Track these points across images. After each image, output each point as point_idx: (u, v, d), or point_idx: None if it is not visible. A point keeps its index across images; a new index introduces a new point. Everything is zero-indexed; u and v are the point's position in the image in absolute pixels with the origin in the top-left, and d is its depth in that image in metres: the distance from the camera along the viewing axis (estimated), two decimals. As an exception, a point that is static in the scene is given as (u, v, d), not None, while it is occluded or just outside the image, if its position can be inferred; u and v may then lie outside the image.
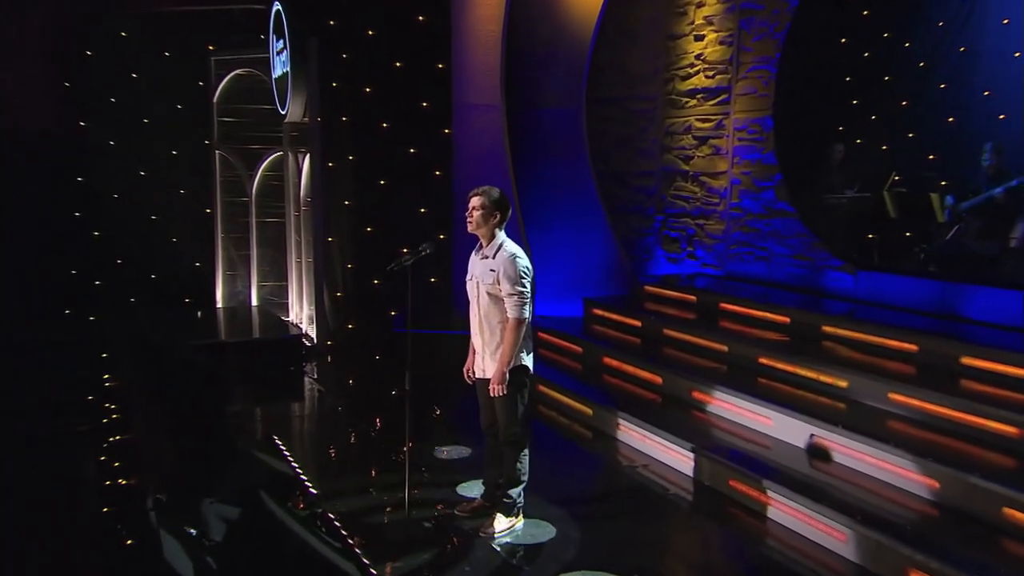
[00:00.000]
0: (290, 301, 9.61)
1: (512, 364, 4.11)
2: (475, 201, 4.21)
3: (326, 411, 6.78)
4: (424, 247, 4.37)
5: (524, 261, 4.16)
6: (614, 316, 8.00)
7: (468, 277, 4.28)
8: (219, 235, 9.88)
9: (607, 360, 7.22)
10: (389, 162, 8.41)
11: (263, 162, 10.03)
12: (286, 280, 9.67)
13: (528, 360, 4.33)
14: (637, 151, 9.51)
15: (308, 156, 8.69)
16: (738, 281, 8.34)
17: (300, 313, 9.23)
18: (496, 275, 4.12)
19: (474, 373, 4.34)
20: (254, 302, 10.06)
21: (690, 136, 8.98)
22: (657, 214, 9.44)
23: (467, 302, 4.54)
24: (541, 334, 7.73)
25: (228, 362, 7.63)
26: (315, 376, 7.63)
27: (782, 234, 8.02)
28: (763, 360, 6.23)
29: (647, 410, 5.96)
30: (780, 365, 6.05)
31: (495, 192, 4.21)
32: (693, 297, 7.90)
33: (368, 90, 8.27)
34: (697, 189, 8.96)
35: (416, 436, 5.97)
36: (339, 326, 8.39)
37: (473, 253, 4.33)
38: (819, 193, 8.20)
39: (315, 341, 8.35)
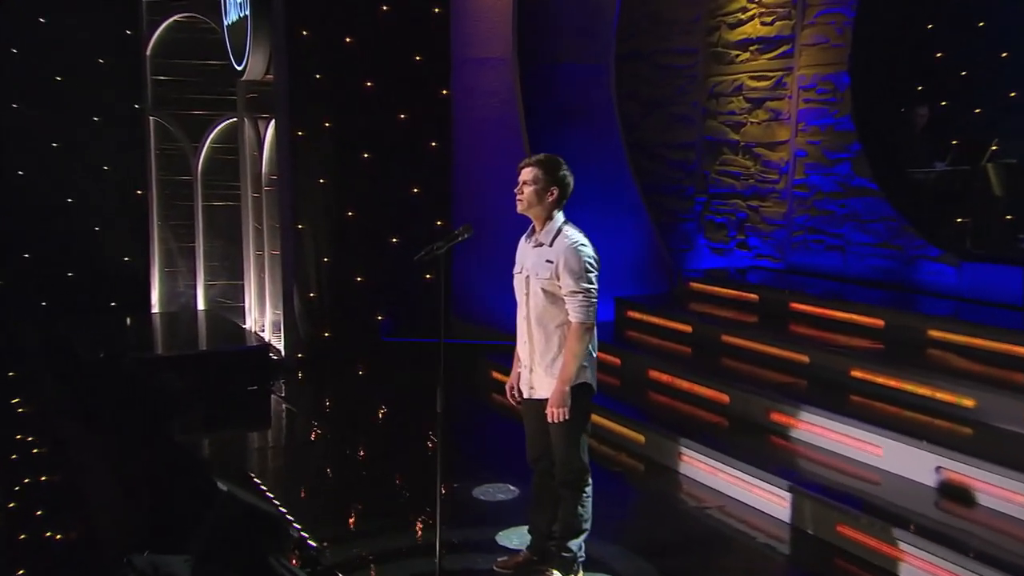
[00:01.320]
0: (247, 304, 9.48)
1: (574, 380, 3.91)
2: (527, 174, 4.02)
3: (307, 441, 6.69)
4: (461, 231, 4.16)
5: (590, 250, 3.99)
6: (655, 319, 7.78)
7: (516, 269, 4.11)
8: (155, 223, 9.80)
9: (653, 374, 6.98)
10: (374, 130, 8.34)
11: (211, 131, 9.76)
12: (242, 278, 9.62)
13: (592, 377, 4.07)
14: (673, 118, 9.33)
15: (272, 123, 8.61)
16: (804, 275, 8.14)
17: (261, 319, 9.17)
18: (554, 268, 3.93)
19: (519, 392, 4.15)
20: (200, 305, 9.78)
21: (741, 98, 8.78)
22: (698, 194, 9.26)
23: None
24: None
25: (167, 380, 7.54)
26: (284, 396, 7.55)
27: (862, 217, 7.80)
28: (857, 373, 6.02)
29: (716, 437, 5.80)
30: (880, 379, 5.86)
31: (553, 162, 4.01)
32: (754, 296, 7.68)
33: (348, 40, 8.18)
34: (750, 163, 8.75)
35: (441, 470, 5.77)
36: (313, 335, 8.33)
37: (523, 239, 4.15)
38: (902, 166, 7.98)
39: (282, 354, 8.28)
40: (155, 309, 9.48)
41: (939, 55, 8.25)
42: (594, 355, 4.14)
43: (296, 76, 8.01)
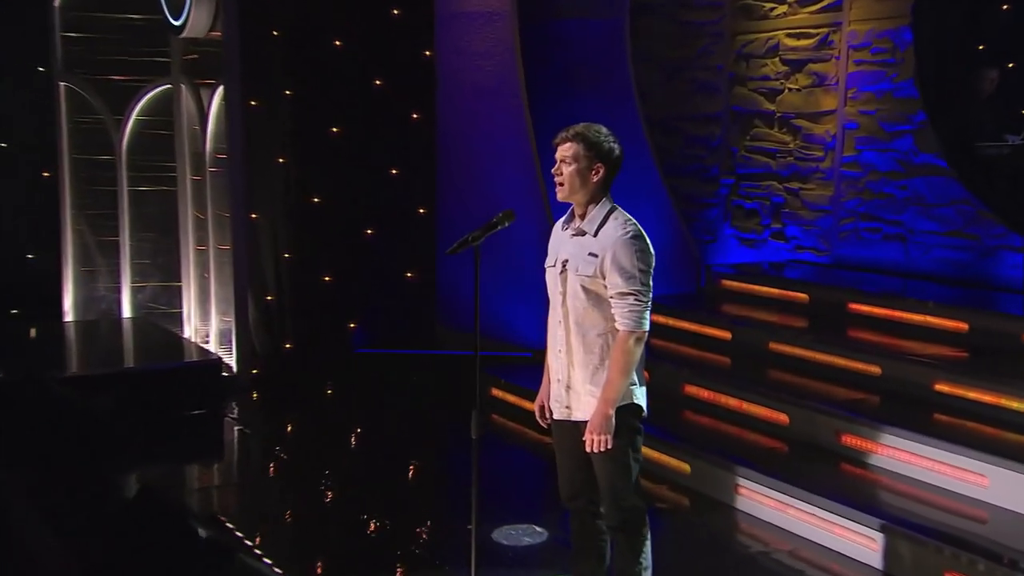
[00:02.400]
0: (186, 310, 9.36)
1: (621, 400, 3.83)
2: (565, 150, 3.90)
3: (274, 476, 6.60)
4: (500, 218, 4.09)
5: (645, 242, 3.87)
6: (685, 324, 7.64)
7: (549, 262, 4.02)
8: (67, 211, 9.41)
9: (691, 389, 6.85)
10: (344, 99, 8.29)
11: (139, 100, 9.48)
12: (179, 279, 9.39)
13: (642, 395, 3.99)
14: (694, 84, 9.23)
15: (218, 91, 8.47)
16: (855, 271, 8.08)
17: (204, 328, 9.09)
18: (600, 263, 3.84)
19: (551, 412, 4.06)
20: (126, 312, 9.54)
21: (777, 60, 8.69)
22: (724, 175, 9.19)
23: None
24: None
25: (97, 405, 7.34)
26: (239, 421, 7.52)
27: (927, 201, 7.73)
28: (942, 387, 5.93)
29: (778, 464, 5.71)
30: (971, 394, 5.76)
31: (597, 133, 3.91)
32: (803, 295, 7.58)
33: (312, -11, 8.13)
34: (788, 138, 8.66)
35: (448, 509, 5.77)
36: (270, 346, 8.27)
37: (558, 225, 4.06)
38: (970, 140, 7.87)
39: (233, 370, 8.22)
40: (68, 317, 9.23)
41: (1004, 6, 8.16)
42: (643, 369, 4.02)
43: (250, 33, 7.90)
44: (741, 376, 6.80)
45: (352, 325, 8.41)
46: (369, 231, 8.45)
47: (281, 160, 8.23)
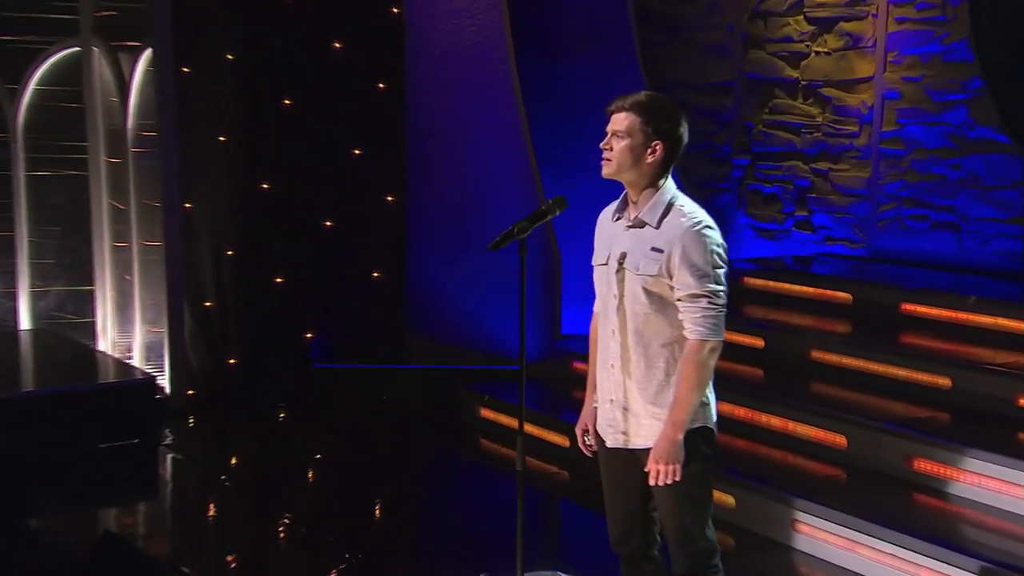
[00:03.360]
0: (100, 320, 9.19)
1: (691, 423, 3.85)
2: (619, 121, 3.89)
3: (221, 514, 6.58)
4: (549, 205, 4.16)
5: (718, 235, 3.89)
6: None
7: (599, 259, 4.03)
8: None
9: (721, 407, 6.57)
10: (297, 66, 8.29)
11: (38, 68, 9.19)
12: (91, 283, 9.22)
13: (713, 418, 4.00)
14: (700, 47, 9.17)
15: (144, 56, 8.42)
16: (899, 264, 8.06)
17: (125, 341, 8.98)
18: (665, 260, 3.84)
19: (595, 436, 4.10)
20: (25, 323, 9.31)
21: (801, 18, 8.62)
22: (737, 155, 9.13)
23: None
24: (579, 365, 7.60)
25: None
26: (172, 449, 7.46)
27: (985, 183, 7.69)
28: None
29: (842, 496, 5.61)
30: None
31: (660, 104, 3.90)
32: (846, 295, 7.50)
33: (260, -67, 8.19)
34: (816, 111, 8.61)
35: (431, 556, 5.84)
36: (210, 362, 8.22)
37: (606, 216, 4.08)
38: (1017, 111, 7.84)
39: (166, 391, 8.17)
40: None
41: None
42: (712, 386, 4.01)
43: (181, -15, 7.83)
44: (781, 390, 6.69)
45: (308, 335, 8.41)
46: (328, 223, 8.43)
47: (222, 139, 8.16)
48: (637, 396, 3.89)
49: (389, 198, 8.48)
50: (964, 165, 7.77)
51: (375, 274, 8.41)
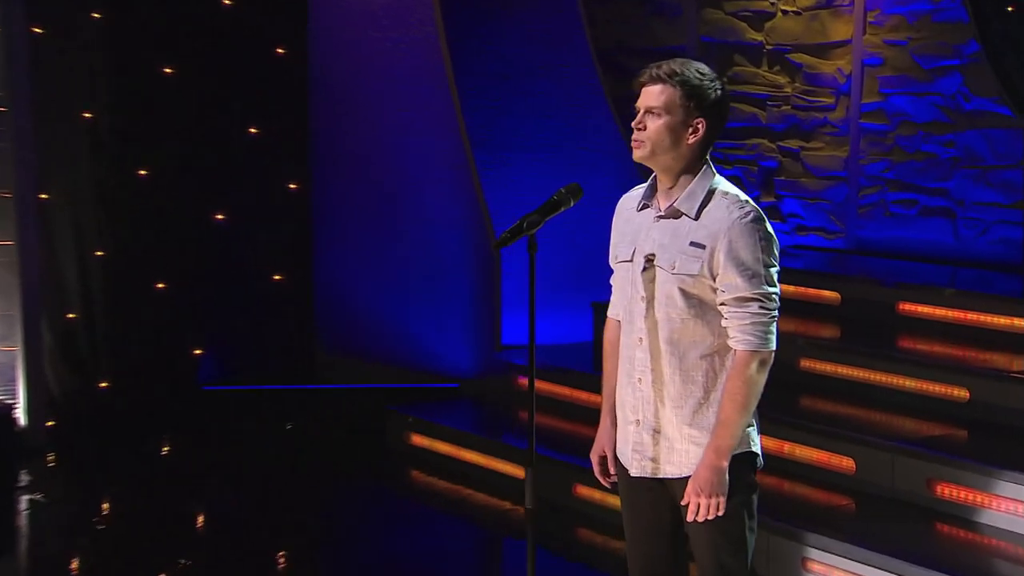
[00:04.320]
0: None
1: (737, 448, 3.86)
2: (656, 94, 3.84)
3: (110, 571, 6.35)
4: (562, 194, 4.05)
5: (769, 227, 3.84)
6: None
7: (622, 255, 3.98)
8: None
9: None
10: (177, 27, 8.25)
11: None
12: None
13: (758, 440, 3.97)
14: (647, 6, 9.18)
15: None
16: (884, 257, 8.12)
17: None
18: (709, 256, 3.80)
19: (614, 463, 4.08)
20: None
21: None
22: None
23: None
24: (526, 381, 7.64)
25: None
26: (26, 488, 7.30)
27: (985, 162, 7.75)
28: None
29: (857, 528, 5.60)
30: None
31: (701, 76, 3.85)
32: (833, 294, 7.52)
33: None
34: (783, 80, 8.65)
35: None
36: (76, 386, 8.17)
37: (628, 206, 4.04)
38: (1019, 79, 7.94)
39: (20, 422, 7.96)
40: None
41: None
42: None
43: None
44: (770, 406, 6.52)
45: (197, 352, 8.32)
46: (219, 216, 8.34)
47: (87, 115, 8.04)
48: (671, 416, 3.86)
49: (291, 186, 8.43)
50: (959, 142, 7.81)
51: (276, 277, 8.35)
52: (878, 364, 6.57)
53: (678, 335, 3.81)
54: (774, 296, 3.75)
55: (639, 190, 3.98)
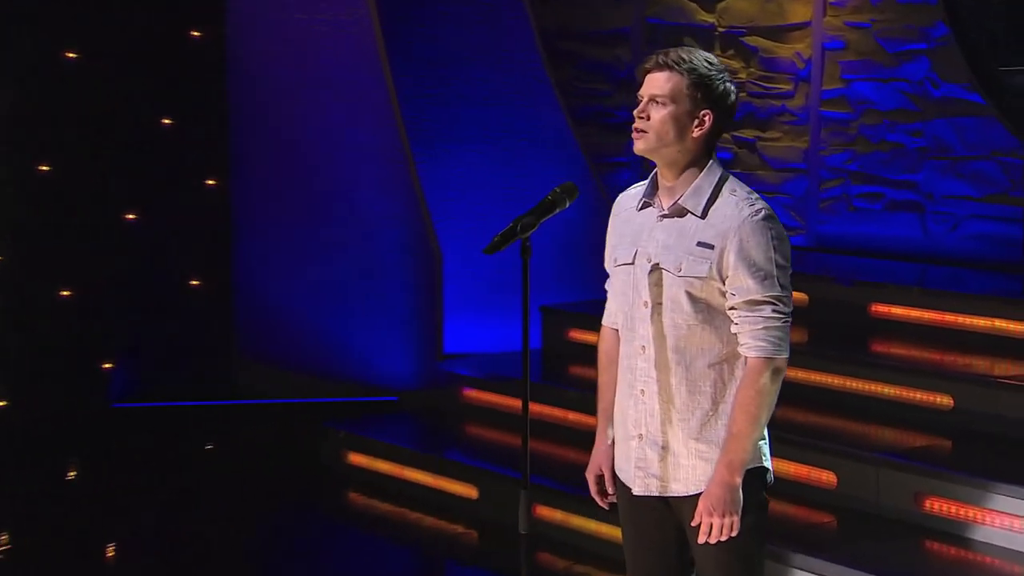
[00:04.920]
0: None
1: (749, 463, 3.88)
2: (662, 82, 3.87)
3: None
4: (556, 194, 4.08)
5: (780, 226, 3.87)
6: None
7: (622, 258, 3.99)
8: None
9: None
10: (81, 7, 8.23)
11: None
12: None
13: (768, 455, 4.00)
14: None
15: None
16: (848, 254, 8.20)
17: None
18: (718, 256, 3.83)
19: (612, 482, 4.09)
20: None
21: None
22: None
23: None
24: (471, 393, 7.72)
25: None
26: None
27: (955, 152, 7.86)
28: None
29: (843, 545, 5.67)
30: None
31: (711, 66, 3.89)
32: (800, 295, 7.50)
33: None
34: (737, 64, 8.73)
35: None
36: None
37: (627, 204, 4.05)
38: (990, 64, 8.12)
39: None
40: None
41: None
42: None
43: None
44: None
45: (106, 366, 8.28)
46: (130, 215, 8.31)
47: None
48: (677, 430, 3.87)
49: (209, 182, 8.40)
50: (927, 131, 7.89)
51: (193, 283, 8.33)
52: (854, 370, 6.62)
53: (684, 342, 3.84)
54: (787, 299, 3.77)
55: (638, 188, 4.00)
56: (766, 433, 3.90)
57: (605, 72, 9.16)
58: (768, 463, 3.93)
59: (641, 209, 3.91)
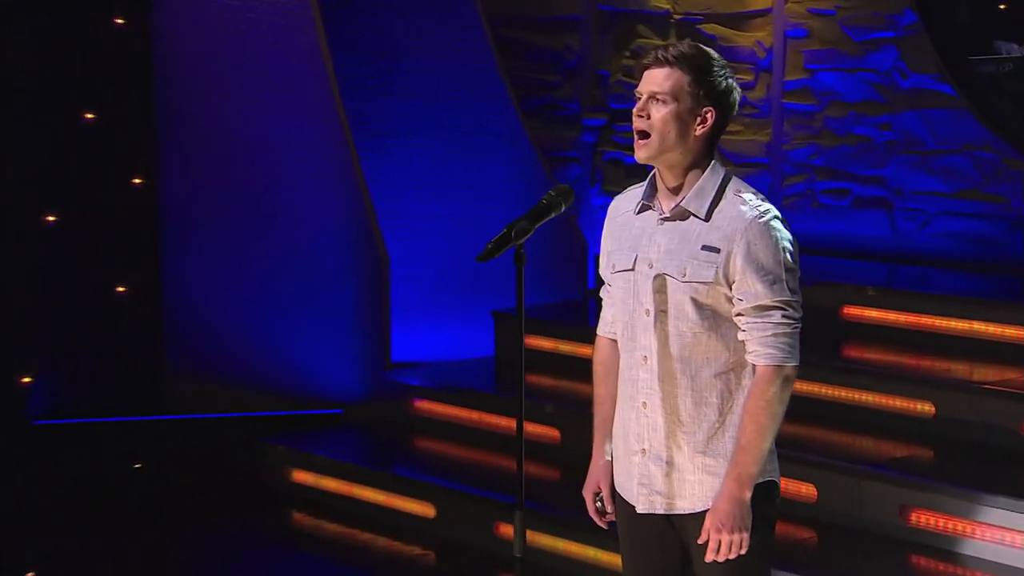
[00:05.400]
0: None
1: (759, 477, 3.94)
2: (662, 79, 3.93)
3: None
4: (551, 197, 4.13)
5: (789, 228, 3.94)
6: (587, 351, 7.58)
7: (621, 264, 4.05)
8: None
9: None
10: None
11: None
12: None
13: (778, 467, 4.08)
14: None
15: None
16: (813, 254, 8.16)
17: None
18: (724, 259, 3.90)
19: (610, 500, 4.15)
20: None
21: None
22: (588, 113, 9.26)
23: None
24: (422, 404, 7.77)
25: None
26: None
27: (925, 146, 7.98)
28: None
29: (819, 566, 5.70)
30: None
31: (713, 61, 3.96)
32: None
33: None
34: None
35: None
36: None
37: (624, 207, 4.12)
38: (962, 54, 8.25)
39: None
40: None
41: None
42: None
43: None
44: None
45: (25, 380, 8.25)
46: (50, 217, 8.28)
47: None
48: (682, 444, 3.93)
49: (135, 181, 8.37)
50: (896, 124, 8.00)
51: (119, 289, 8.30)
52: (830, 376, 6.69)
53: (689, 351, 3.89)
54: (796, 304, 3.84)
55: (634, 190, 4.04)
56: (774, 445, 3.94)
57: (552, 62, 9.19)
58: (778, 476, 3.99)
59: (640, 212, 3.95)
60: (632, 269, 3.94)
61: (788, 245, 3.87)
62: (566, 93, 9.19)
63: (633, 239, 3.96)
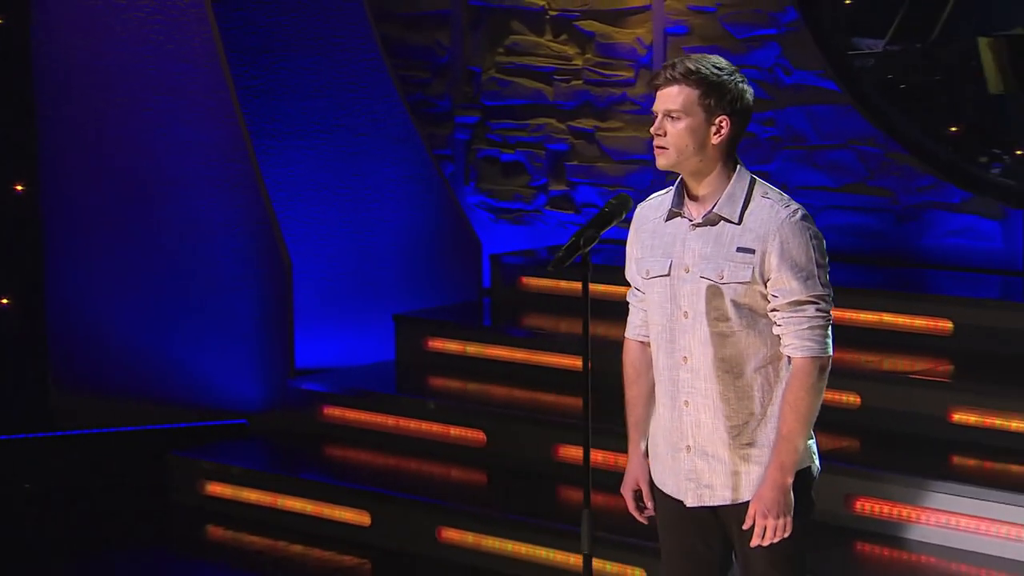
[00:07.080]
0: None
1: (800, 464, 4.14)
2: (673, 96, 4.10)
3: None
4: (613, 205, 4.23)
5: (816, 226, 4.18)
6: (496, 352, 7.79)
7: (656, 270, 4.20)
8: None
9: (566, 452, 6.92)
10: None
11: None
12: None
13: (816, 455, 4.27)
14: None
15: None
16: None
17: None
18: (759, 259, 4.09)
19: (649, 496, 4.30)
20: None
21: None
22: (461, 111, 9.34)
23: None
24: (332, 411, 7.77)
25: None
26: None
27: (809, 141, 8.16)
28: (960, 416, 6.41)
29: None
30: (996, 420, 6.29)
31: (721, 71, 4.12)
32: None
33: None
34: (572, 50, 8.87)
35: None
36: None
37: (651, 214, 4.28)
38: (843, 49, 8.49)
39: None
40: None
41: None
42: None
43: None
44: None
45: None
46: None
47: None
48: (726, 437, 4.10)
49: (16, 187, 8.31)
50: (780, 120, 8.17)
51: (2, 300, 8.21)
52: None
53: (730, 350, 4.07)
54: (828, 298, 4.07)
55: (659, 197, 4.22)
56: (813, 433, 4.14)
57: (423, 58, 9.25)
58: (816, 463, 4.19)
59: (670, 220, 4.14)
60: (668, 275, 4.11)
61: (818, 241, 4.09)
62: (437, 90, 9.26)
63: (666, 245, 4.13)
